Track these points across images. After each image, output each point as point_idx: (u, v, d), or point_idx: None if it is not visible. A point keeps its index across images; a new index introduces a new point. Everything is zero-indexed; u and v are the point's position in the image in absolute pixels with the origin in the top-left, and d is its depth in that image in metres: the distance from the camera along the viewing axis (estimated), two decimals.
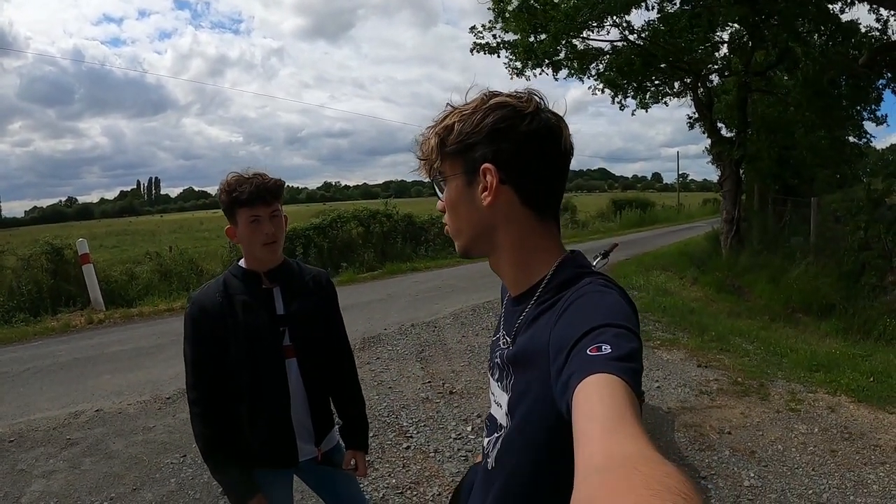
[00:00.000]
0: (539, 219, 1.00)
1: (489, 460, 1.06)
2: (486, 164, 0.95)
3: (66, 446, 4.30)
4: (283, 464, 1.99)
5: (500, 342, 1.08)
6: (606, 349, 0.76)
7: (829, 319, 7.43)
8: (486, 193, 0.96)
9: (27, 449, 4.28)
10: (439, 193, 1.05)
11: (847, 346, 6.26)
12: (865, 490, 3.36)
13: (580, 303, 0.89)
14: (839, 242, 8.82)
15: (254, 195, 1.80)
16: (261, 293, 1.92)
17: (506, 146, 0.95)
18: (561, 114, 1.01)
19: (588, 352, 0.77)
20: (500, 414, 1.04)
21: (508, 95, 0.98)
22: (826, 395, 4.77)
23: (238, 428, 1.92)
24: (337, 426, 2.18)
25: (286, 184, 2.01)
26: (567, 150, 1.00)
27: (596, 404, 0.68)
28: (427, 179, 1.07)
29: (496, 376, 1.07)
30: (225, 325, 1.86)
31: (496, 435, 1.06)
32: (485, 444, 1.12)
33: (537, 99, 0.98)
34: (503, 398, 1.03)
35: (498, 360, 1.06)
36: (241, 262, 1.96)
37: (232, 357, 1.87)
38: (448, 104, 1.02)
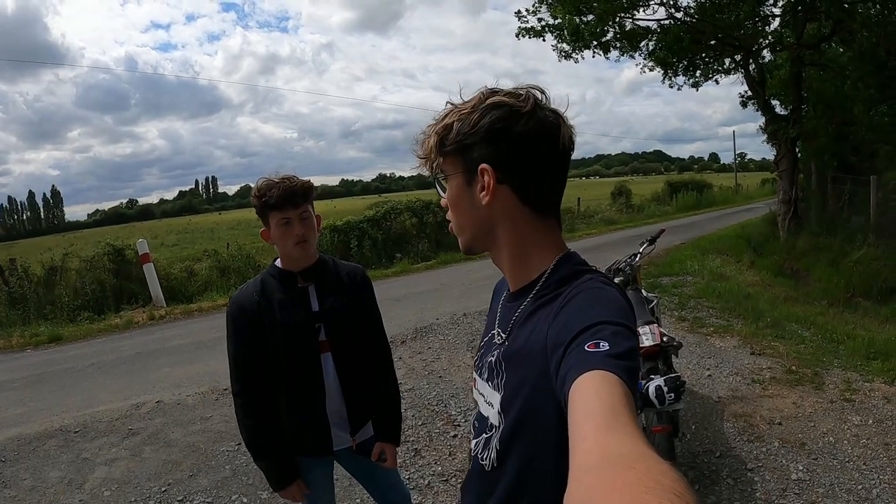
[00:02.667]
0: (538, 216, 1.01)
1: (484, 462, 1.05)
2: (483, 165, 0.96)
3: (128, 436, 4.52)
4: (318, 453, 2.09)
5: (496, 339, 1.08)
6: (604, 346, 0.76)
7: (890, 304, 7.08)
8: (484, 193, 0.98)
9: (91, 439, 4.52)
10: (440, 191, 1.07)
11: None
12: None
13: (579, 299, 0.89)
14: None
15: (282, 198, 1.89)
16: (296, 291, 2.01)
17: (502, 146, 0.96)
18: (563, 110, 1.00)
19: (586, 347, 0.77)
20: (493, 413, 1.04)
21: (506, 94, 0.97)
22: (883, 385, 4.57)
23: (278, 418, 2.03)
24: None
25: (342, 177, 2.07)
26: (566, 148, 0.99)
27: (592, 401, 0.69)
28: (429, 176, 1.08)
29: (485, 376, 1.08)
30: (262, 323, 1.96)
31: (486, 435, 1.06)
32: (472, 445, 1.12)
33: (536, 96, 0.98)
34: (494, 397, 1.03)
35: (491, 358, 1.06)
36: (278, 263, 2.06)
37: (270, 353, 1.97)
38: (448, 102, 1.02)
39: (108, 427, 4.71)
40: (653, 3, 11.09)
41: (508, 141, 0.96)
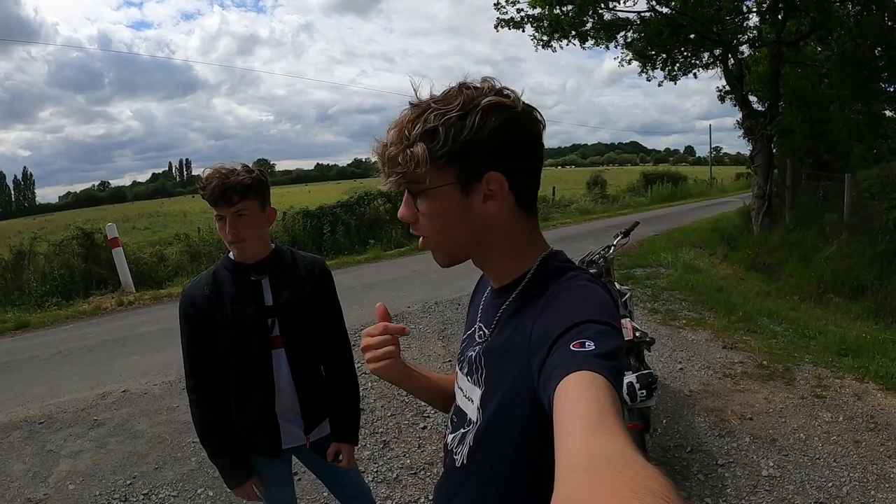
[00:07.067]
0: (528, 217, 0.99)
1: (457, 458, 1.05)
2: (494, 173, 0.90)
3: (94, 427, 4.43)
4: (269, 452, 2.03)
5: (476, 335, 1.07)
6: (590, 346, 0.75)
7: (861, 301, 7.19)
8: (491, 202, 0.92)
9: (56, 430, 4.41)
10: (415, 203, 0.96)
11: (878, 330, 6.06)
12: (887, 485, 3.24)
13: (564, 297, 0.88)
14: (874, 221, 8.53)
15: (215, 194, 1.79)
16: (249, 285, 1.94)
17: (510, 152, 0.91)
18: (521, 94, 0.96)
19: (571, 347, 0.76)
20: (472, 409, 1.03)
21: (497, 94, 0.90)
22: (853, 382, 4.62)
23: (231, 415, 1.98)
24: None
25: (317, 161, 1.99)
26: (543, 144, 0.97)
27: (578, 402, 0.67)
28: (392, 189, 0.96)
29: (466, 371, 1.06)
30: (213, 317, 1.90)
31: (462, 430, 1.05)
32: (448, 440, 1.11)
33: (517, 93, 0.93)
34: (475, 392, 1.02)
35: (472, 353, 1.05)
36: (232, 254, 1.98)
37: (220, 348, 1.91)
38: (410, 103, 0.92)
39: (74, 418, 4.61)
40: None
41: (514, 146, 0.92)
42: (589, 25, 11.70)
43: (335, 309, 2.13)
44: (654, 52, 12.18)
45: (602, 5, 11.24)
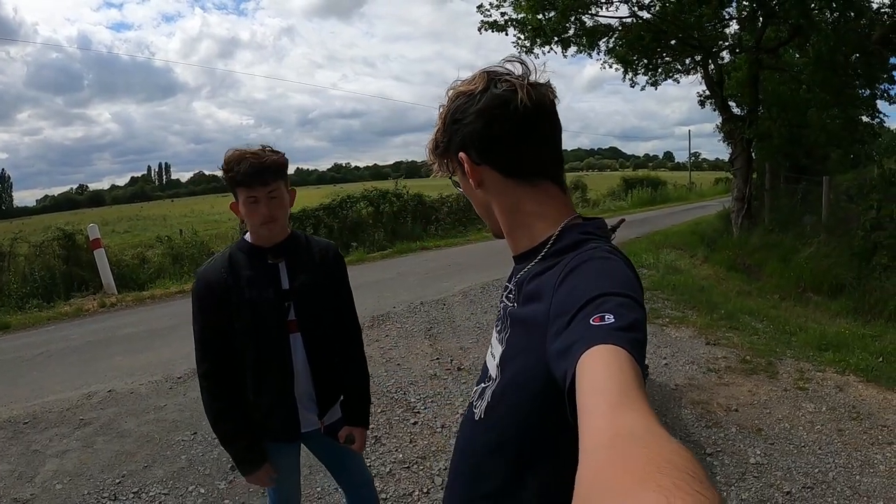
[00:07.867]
0: (527, 185, 1.02)
1: (476, 411, 1.07)
2: (460, 154, 1.02)
3: (80, 426, 4.37)
4: (286, 436, 2.02)
5: (505, 295, 1.09)
6: (610, 319, 0.75)
7: (840, 299, 7.36)
8: (469, 179, 1.04)
9: (41, 430, 4.35)
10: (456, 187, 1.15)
11: (857, 326, 6.22)
12: (871, 470, 3.34)
13: (583, 268, 0.88)
14: (851, 222, 8.70)
15: (250, 175, 1.78)
16: (266, 268, 1.92)
17: (467, 131, 1.01)
18: (533, 72, 1.00)
19: (591, 321, 0.75)
20: (492, 365, 1.05)
21: (463, 83, 1.03)
22: (835, 375, 4.75)
23: (246, 400, 1.95)
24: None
25: (297, 166, 1.99)
26: (528, 110, 0.96)
27: (601, 377, 0.67)
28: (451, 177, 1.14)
29: (498, 327, 1.08)
30: (229, 300, 1.87)
31: (483, 385, 1.07)
32: (473, 392, 1.13)
33: (489, 75, 1.00)
34: (497, 350, 1.04)
35: (501, 310, 1.08)
36: (247, 237, 1.96)
37: (237, 332, 1.88)
38: (441, 105, 1.07)
39: (59, 418, 4.54)
40: (616, 0, 11.21)
41: (466, 124, 1.00)
42: (571, 32, 11.78)
43: (346, 294, 2.12)
44: (635, 57, 12.31)
45: (583, 11, 11.34)
